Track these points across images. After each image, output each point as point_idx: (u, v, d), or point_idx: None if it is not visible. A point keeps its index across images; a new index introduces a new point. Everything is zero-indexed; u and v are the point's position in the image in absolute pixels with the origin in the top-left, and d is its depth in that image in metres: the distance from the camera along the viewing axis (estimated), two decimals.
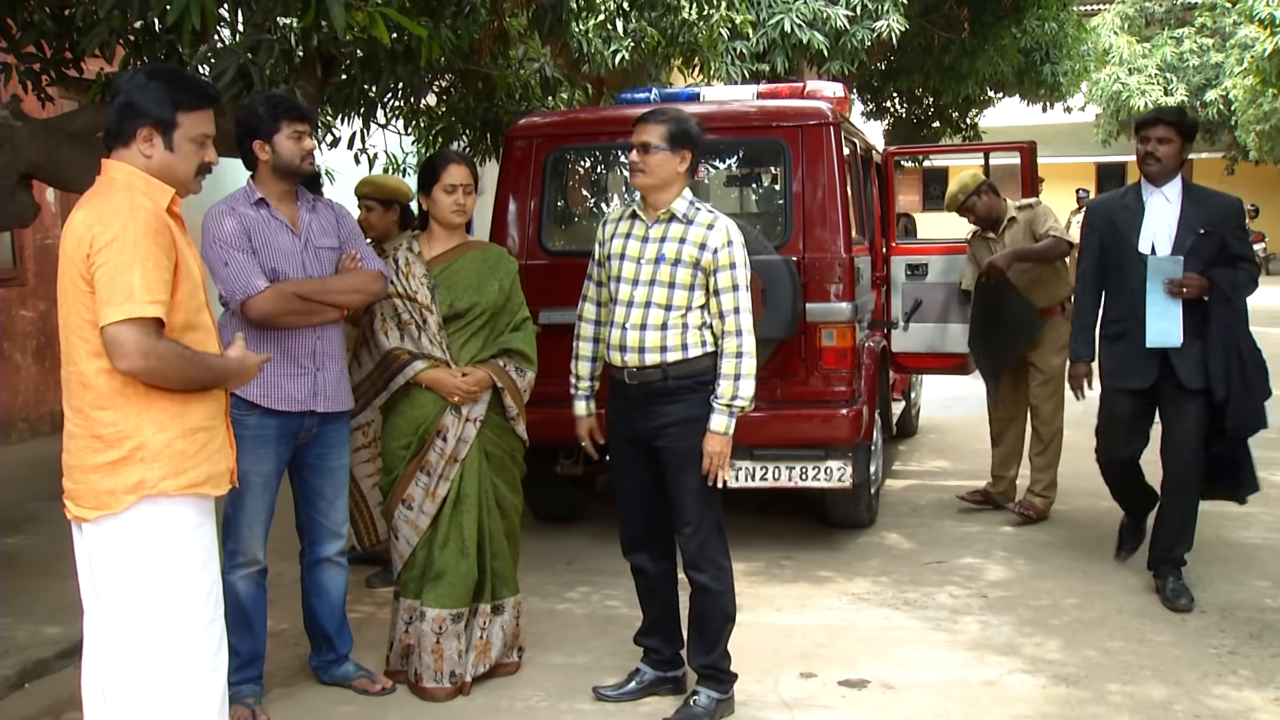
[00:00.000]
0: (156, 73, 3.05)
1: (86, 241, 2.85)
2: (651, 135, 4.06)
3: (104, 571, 2.95)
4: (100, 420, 2.90)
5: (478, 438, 4.34)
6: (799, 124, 5.86)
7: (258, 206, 4.09)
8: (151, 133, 2.97)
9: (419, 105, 8.72)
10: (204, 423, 3.03)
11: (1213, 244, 5.07)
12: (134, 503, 2.90)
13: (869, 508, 6.44)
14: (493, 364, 4.39)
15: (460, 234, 4.47)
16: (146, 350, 2.83)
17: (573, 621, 5.18)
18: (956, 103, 17.73)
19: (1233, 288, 5.05)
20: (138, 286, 2.81)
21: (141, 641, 2.94)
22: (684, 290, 4.05)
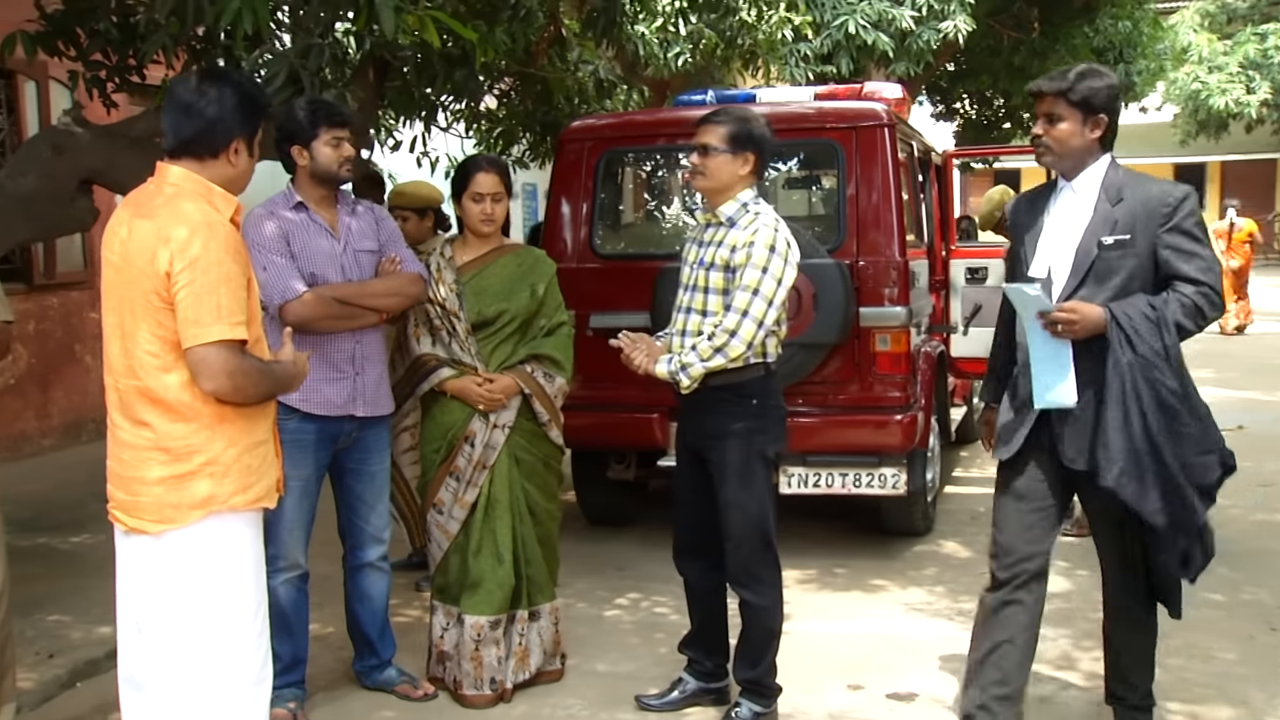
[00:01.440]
0: (234, 78, 3.02)
1: (164, 257, 2.79)
2: (712, 137, 3.95)
3: (163, 585, 2.91)
4: (171, 434, 2.86)
5: (507, 444, 4.29)
6: (853, 126, 5.76)
7: (297, 210, 4.08)
8: (241, 144, 2.97)
9: (478, 108, 8.74)
10: (264, 436, 3.02)
11: (1133, 258, 3.44)
12: (202, 517, 2.88)
13: (925, 515, 6.31)
14: (520, 370, 4.33)
15: (495, 238, 4.42)
16: (233, 370, 2.81)
17: (619, 628, 5.12)
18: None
19: (1138, 326, 3.36)
20: (225, 308, 2.80)
21: (193, 654, 2.91)
22: (718, 295, 3.95)
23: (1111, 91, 3.55)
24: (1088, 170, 3.57)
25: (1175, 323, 3.40)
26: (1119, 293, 3.46)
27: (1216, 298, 3.42)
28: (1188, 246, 3.45)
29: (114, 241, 2.92)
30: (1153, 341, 3.37)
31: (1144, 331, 3.38)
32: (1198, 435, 3.41)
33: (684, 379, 3.87)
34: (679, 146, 6.32)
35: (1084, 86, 3.52)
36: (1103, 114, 3.53)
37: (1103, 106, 3.53)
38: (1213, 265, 3.45)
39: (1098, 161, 3.57)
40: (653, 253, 6.50)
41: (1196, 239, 3.46)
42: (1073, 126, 3.53)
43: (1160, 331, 3.38)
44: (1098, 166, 3.57)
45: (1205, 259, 3.45)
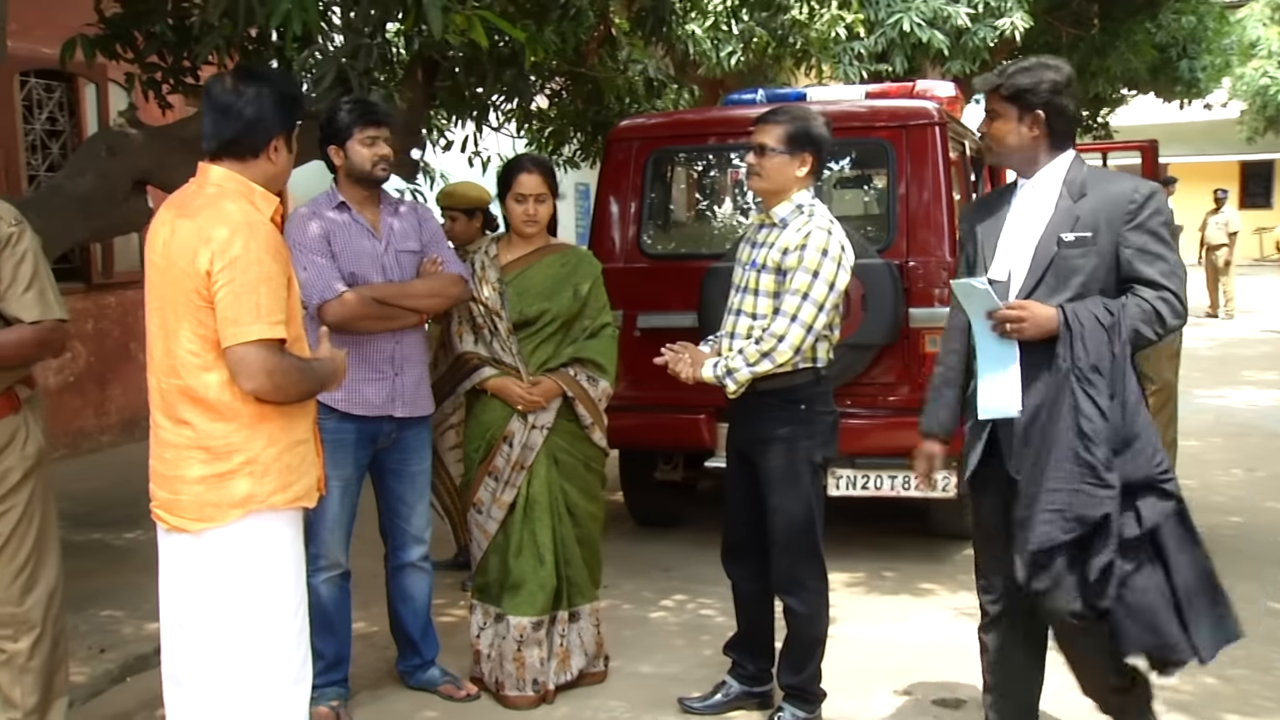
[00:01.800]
0: (268, 76, 3.05)
1: (205, 257, 2.81)
2: (769, 137, 3.90)
3: (203, 583, 2.94)
4: (212, 432, 2.88)
5: (546, 444, 4.28)
6: (904, 125, 5.70)
7: (339, 210, 4.09)
8: (280, 141, 2.98)
9: (529, 108, 8.75)
10: (304, 435, 3.03)
11: (1095, 256, 3.21)
12: (241, 516, 2.89)
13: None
14: (562, 373, 4.31)
15: (540, 237, 4.41)
16: (272, 369, 2.82)
17: (665, 630, 5.10)
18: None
19: (1087, 332, 3.12)
20: (264, 307, 2.81)
21: (232, 652, 2.93)
22: (767, 298, 3.91)
23: (1054, 86, 3.27)
24: (1047, 167, 3.34)
25: (1133, 329, 3.15)
26: (1078, 294, 3.22)
27: (1179, 304, 3.18)
28: (1152, 247, 3.20)
29: (156, 242, 2.94)
30: (1098, 351, 3.12)
31: (1090, 339, 3.14)
32: (1098, 463, 3.07)
33: (730, 384, 3.84)
34: (728, 146, 6.30)
35: (1014, 82, 3.30)
36: (1041, 110, 3.27)
37: (1042, 103, 3.27)
38: (1177, 269, 3.21)
39: (1058, 158, 3.33)
40: (701, 253, 6.49)
41: (1162, 240, 3.21)
42: (1007, 123, 3.32)
43: (1111, 339, 3.13)
44: (1058, 163, 3.33)
45: (1170, 262, 3.21)
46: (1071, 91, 3.31)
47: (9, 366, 3.37)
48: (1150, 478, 3.11)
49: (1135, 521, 3.09)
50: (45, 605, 3.49)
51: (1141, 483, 3.10)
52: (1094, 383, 3.11)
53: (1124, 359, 3.13)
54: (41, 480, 3.49)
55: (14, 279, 3.35)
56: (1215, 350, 14.30)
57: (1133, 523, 3.09)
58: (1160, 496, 3.11)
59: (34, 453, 3.45)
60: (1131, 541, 3.09)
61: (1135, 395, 3.14)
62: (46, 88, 8.62)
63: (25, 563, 3.44)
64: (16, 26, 8.03)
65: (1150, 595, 3.10)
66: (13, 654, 3.45)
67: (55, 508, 3.61)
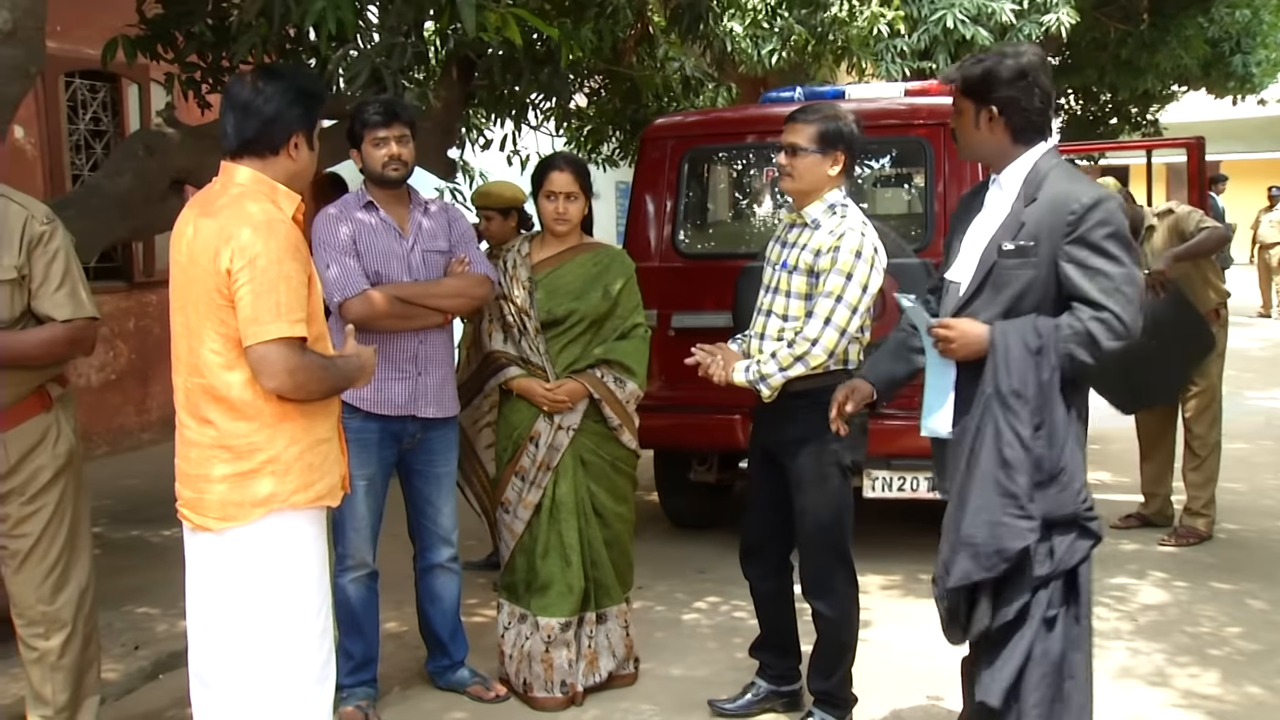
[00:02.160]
0: (283, 73, 3.04)
1: (226, 255, 2.82)
2: (800, 136, 3.86)
3: (225, 582, 2.95)
4: (233, 431, 2.88)
5: (573, 445, 4.26)
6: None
7: (367, 210, 4.10)
8: (300, 137, 2.98)
9: (568, 107, 8.74)
10: (327, 434, 3.02)
11: (1031, 269, 2.99)
12: (263, 515, 2.89)
13: None
14: (589, 374, 4.28)
15: (573, 236, 4.39)
16: (294, 368, 2.82)
17: (697, 632, 5.07)
18: (1135, 98, 16.98)
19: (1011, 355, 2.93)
20: (284, 305, 2.81)
21: (255, 651, 2.94)
22: (799, 300, 3.88)
23: (1010, 76, 3.02)
24: (1013, 164, 3.10)
25: (1065, 354, 2.92)
26: (1010, 308, 3.02)
27: (1119, 324, 2.89)
28: (1092, 262, 2.92)
29: (180, 241, 2.95)
30: (1022, 376, 2.92)
31: (1015, 362, 2.93)
32: (1020, 493, 2.91)
33: (764, 389, 3.82)
34: (763, 144, 6.26)
35: (966, 74, 3.10)
36: (994, 104, 3.05)
37: (997, 95, 3.04)
38: (1123, 285, 2.90)
39: (1024, 154, 3.09)
40: (736, 252, 6.45)
41: (1105, 254, 2.92)
42: (965, 118, 3.13)
43: (1039, 364, 2.92)
44: (1024, 160, 3.09)
45: (1113, 278, 2.91)
46: (1032, 81, 3.04)
47: (41, 365, 3.41)
48: (1076, 514, 2.95)
49: (1048, 557, 2.95)
50: (76, 604, 3.53)
51: (1065, 519, 2.95)
52: (1015, 410, 2.93)
53: (1053, 385, 2.94)
54: (73, 479, 3.52)
55: (46, 277, 3.38)
56: (1267, 351, 14.08)
57: (1045, 558, 2.95)
58: (1081, 534, 2.98)
59: (65, 451, 3.48)
60: (1040, 580, 2.96)
61: (1066, 425, 2.95)
62: (91, 88, 8.72)
63: (56, 561, 3.47)
64: (61, 28, 8.17)
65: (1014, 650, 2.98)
66: (44, 652, 3.49)
67: (88, 507, 3.64)
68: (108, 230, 5.60)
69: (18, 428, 3.38)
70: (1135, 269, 2.96)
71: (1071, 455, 2.96)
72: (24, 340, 3.34)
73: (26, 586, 3.46)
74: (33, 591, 3.46)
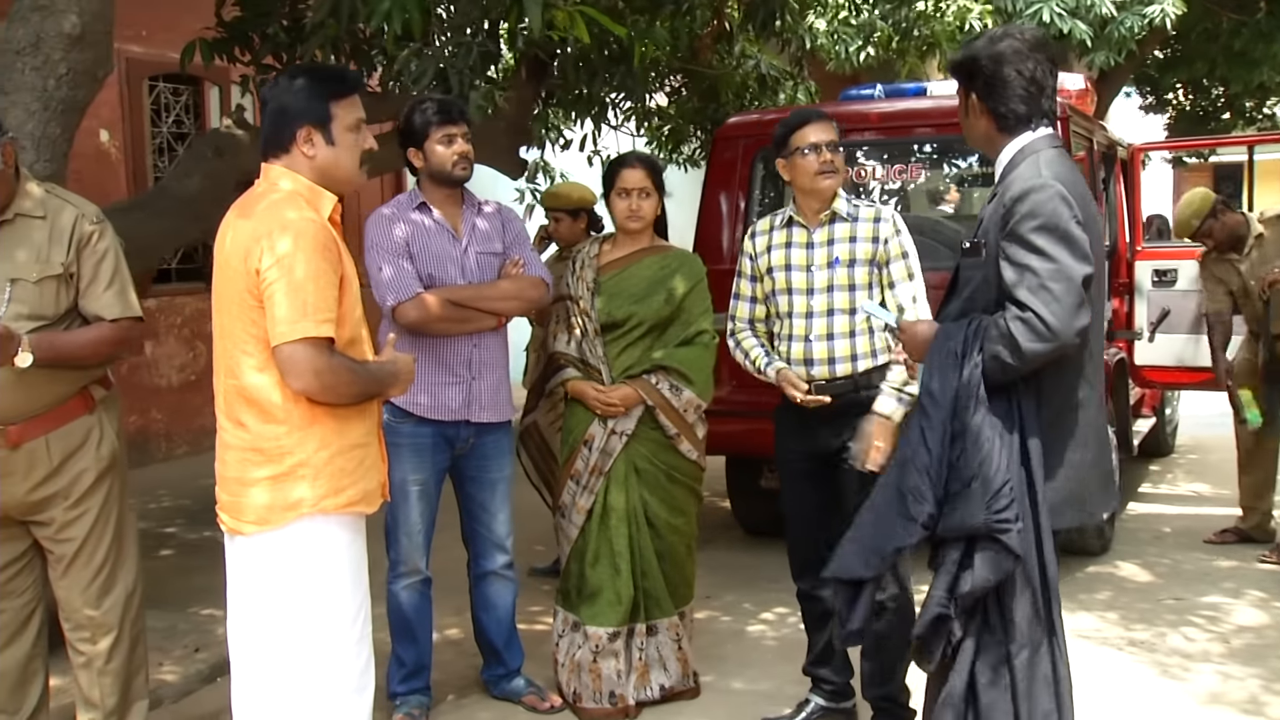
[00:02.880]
0: (298, 71, 3.04)
1: (255, 255, 2.82)
2: (836, 133, 3.90)
3: (257, 587, 2.94)
4: (264, 434, 2.87)
5: (626, 451, 4.20)
6: None
7: (420, 211, 4.08)
8: (311, 132, 2.93)
9: (647, 106, 8.70)
10: (362, 439, 2.99)
11: (980, 268, 2.93)
12: (293, 520, 2.87)
13: (1100, 534, 5.96)
14: (643, 380, 4.21)
15: (645, 238, 4.32)
16: (320, 368, 2.80)
17: (761, 644, 4.99)
18: (1249, 91, 16.37)
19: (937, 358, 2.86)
20: (311, 305, 2.78)
21: (291, 658, 2.92)
22: (864, 291, 3.87)
23: (992, 60, 2.91)
24: (1000, 153, 2.98)
25: (991, 355, 2.76)
26: (964, 309, 2.92)
27: (1041, 325, 2.70)
28: (1019, 257, 2.77)
29: (222, 243, 2.96)
30: (942, 376, 2.81)
31: (935, 364, 2.84)
32: (909, 493, 2.81)
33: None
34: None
35: (953, 60, 3.06)
36: (974, 91, 2.96)
37: (978, 80, 2.94)
38: (1048, 282, 2.72)
39: (1010, 143, 2.96)
40: None
41: (1032, 248, 2.76)
42: (959, 106, 3.06)
43: (960, 364, 2.79)
44: (1008, 149, 2.96)
45: (1039, 274, 2.73)
46: (1013, 67, 2.90)
47: (89, 365, 3.44)
48: (987, 526, 2.74)
49: (969, 579, 2.79)
50: (123, 608, 3.55)
51: (974, 531, 2.76)
52: (927, 411, 2.82)
53: (971, 389, 2.78)
54: (117, 482, 3.55)
55: (95, 276, 3.41)
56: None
57: (968, 579, 2.80)
58: (999, 550, 2.78)
59: (108, 454, 3.51)
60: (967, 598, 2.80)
61: (990, 432, 2.77)
62: (174, 91, 8.90)
63: (102, 565, 3.50)
64: (145, 32, 8.36)
65: None
66: (91, 656, 3.52)
67: (132, 510, 3.67)
68: (178, 232, 5.68)
69: (61, 429, 3.40)
70: (1071, 264, 2.74)
71: (990, 464, 2.75)
72: (72, 340, 3.37)
73: (73, 590, 3.49)
74: (79, 595, 3.49)
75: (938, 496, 2.79)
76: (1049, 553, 2.85)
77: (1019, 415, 2.82)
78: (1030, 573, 2.83)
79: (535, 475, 4.76)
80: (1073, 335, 2.74)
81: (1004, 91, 2.93)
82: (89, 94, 4.49)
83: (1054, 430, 2.87)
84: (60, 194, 3.52)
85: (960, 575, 2.81)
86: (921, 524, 2.80)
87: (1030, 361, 2.75)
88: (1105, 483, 3.01)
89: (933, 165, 6.88)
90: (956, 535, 2.81)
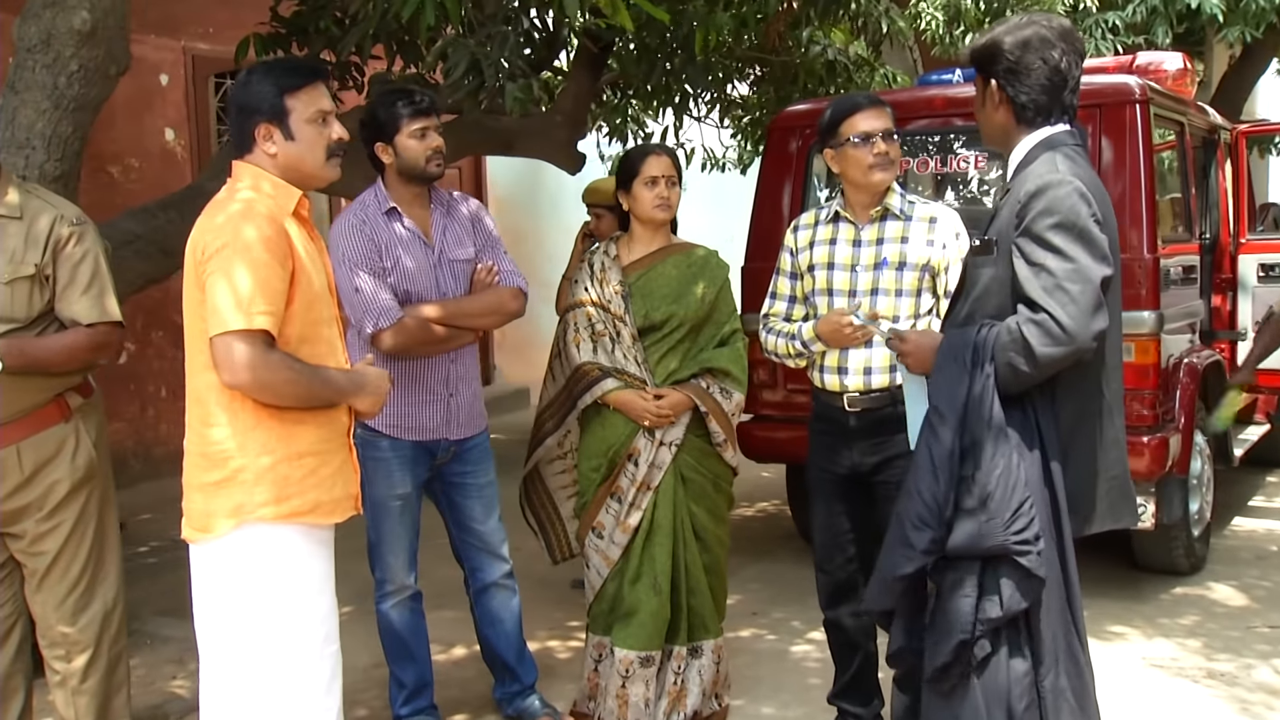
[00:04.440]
0: (253, 68, 2.98)
1: (199, 248, 2.80)
2: (891, 120, 3.68)
3: (211, 595, 2.88)
4: (208, 437, 2.82)
5: (674, 462, 4.04)
6: (1094, 104, 5.17)
7: (389, 217, 3.88)
8: (268, 129, 2.88)
9: (724, 96, 8.53)
10: (314, 447, 2.88)
11: (992, 267, 2.82)
12: (232, 528, 2.80)
13: (1189, 552, 5.61)
14: (694, 385, 4.06)
15: (664, 235, 4.18)
16: (253, 363, 2.71)
17: (801, 668, 4.79)
18: None
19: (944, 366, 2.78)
20: (247, 297, 2.72)
21: (247, 666, 2.85)
22: (912, 297, 3.64)
23: (1010, 47, 2.81)
24: (1015, 149, 2.89)
25: (1004, 363, 2.67)
26: (972, 311, 2.84)
27: (1057, 328, 2.61)
28: (1037, 257, 2.67)
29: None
30: (950, 387, 2.72)
31: (943, 377, 2.76)
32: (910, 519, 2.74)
33: None
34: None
35: (973, 48, 2.95)
36: (995, 80, 2.85)
37: (998, 69, 2.83)
38: (1064, 283, 2.62)
39: (1026, 137, 2.86)
40: None
41: (1048, 246, 2.66)
42: (979, 97, 2.94)
43: (972, 375, 2.70)
44: (1023, 144, 2.87)
45: (1054, 274, 2.64)
46: (1037, 56, 2.79)
47: (63, 372, 3.41)
48: (1005, 547, 2.65)
49: (997, 602, 2.69)
50: (100, 625, 3.50)
51: (993, 552, 2.67)
52: (935, 429, 2.72)
53: (984, 401, 2.67)
54: (96, 494, 3.50)
55: (72, 280, 3.39)
56: None
57: (995, 603, 2.69)
58: (1022, 575, 2.66)
59: (84, 465, 3.46)
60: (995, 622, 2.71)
61: (1005, 447, 2.67)
62: None
63: (78, 580, 3.45)
64: (211, 29, 8.47)
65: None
66: (65, 675, 3.48)
67: (115, 524, 3.61)
68: None
69: (33, 438, 3.37)
70: (1089, 264, 2.64)
71: (1007, 480, 2.66)
72: (45, 346, 3.35)
73: (47, 606, 3.45)
74: (53, 611, 3.45)
75: (944, 519, 2.70)
76: (1072, 568, 2.77)
77: (1036, 426, 2.73)
78: (1056, 589, 2.74)
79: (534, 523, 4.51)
80: (1089, 339, 2.64)
81: (1026, 79, 2.82)
82: (102, 92, 4.51)
83: (1072, 439, 2.77)
84: (43, 195, 3.51)
85: (984, 600, 2.71)
86: (922, 550, 2.73)
87: (1045, 367, 2.67)
88: (1125, 491, 2.89)
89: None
90: (970, 555, 2.70)
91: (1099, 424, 2.80)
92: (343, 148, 3.02)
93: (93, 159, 7.95)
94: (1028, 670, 2.73)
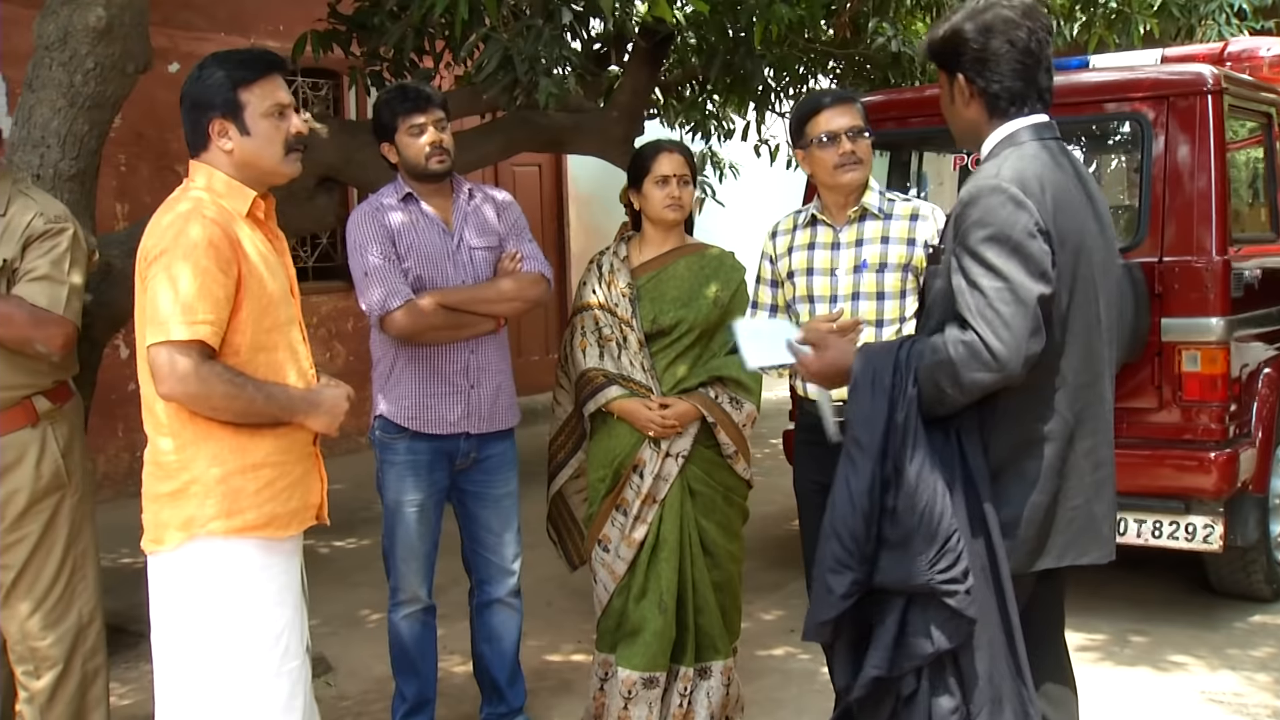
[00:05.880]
0: (204, 60, 2.92)
1: (144, 251, 2.77)
2: (858, 117, 3.55)
3: (156, 610, 2.85)
4: (159, 448, 2.79)
5: (681, 474, 3.93)
6: (1164, 95, 4.93)
7: (406, 202, 3.87)
8: (223, 124, 2.81)
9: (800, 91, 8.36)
10: (271, 458, 2.82)
11: (942, 279, 2.62)
12: (183, 540, 2.76)
13: (1270, 577, 5.30)
14: (701, 395, 3.93)
15: (677, 236, 4.06)
16: (185, 374, 2.66)
17: (829, 689, 4.58)
18: None
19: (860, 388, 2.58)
20: (184, 305, 2.67)
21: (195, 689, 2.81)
22: (894, 300, 3.52)
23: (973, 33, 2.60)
24: (984, 146, 2.67)
25: (931, 384, 2.46)
26: (920, 325, 2.69)
27: (985, 353, 2.40)
28: (971, 272, 2.46)
29: None
30: (870, 412, 2.52)
31: (860, 403, 2.55)
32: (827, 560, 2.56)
33: None
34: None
35: (929, 39, 2.74)
36: (960, 72, 2.64)
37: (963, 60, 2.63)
38: (995, 303, 2.41)
39: (994, 131, 2.66)
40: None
41: (981, 261, 2.45)
42: (944, 94, 2.74)
43: (893, 398, 2.50)
44: (992, 138, 2.66)
45: (986, 293, 2.42)
46: (1010, 33, 2.58)
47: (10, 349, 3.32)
48: (930, 586, 2.44)
49: (926, 641, 2.49)
50: (72, 642, 3.45)
51: (918, 590, 2.48)
52: (852, 458, 2.53)
53: (909, 429, 2.46)
54: (65, 506, 3.44)
55: (31, 268, 3.35)
56: None
57: (923, 642, 2.50)
58: (948, 615, 2.46)
59: (50, 474, 3.40)
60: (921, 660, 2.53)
61: (931, 477, 2.47)
62: (313, 85, 9.11)
63: (45, 595, 3.41)
64: (283, 26, 8.57)
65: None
66: (34, 692, 3.43)
67: (92, 537, 3.55)
68: None
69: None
70: (1023, 282, 2.42)
71: (931, 514, 2.45)
72: None
73: (13, 621, 3.40)
74: (19, 627, 3.40)
75: (865, 557, 2.53)
76: (1011, 604, 2.54)
77: (961, 453, 2.52)
78: (992, 627, 2.53)
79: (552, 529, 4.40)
80: (1019, 366, 2.44)
81: (996, 66, 2.62)
82: (120, 90, 4.54)
83: (1010, 465, 2.55)
84: (33, 194, 3.51)
85: (910, 637, 2.53)
86: (841, 595, 2.56)
87: (972, 393, 2.48)
88: (1090, 524, 2.63)
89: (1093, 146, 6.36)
90: (897, 589, 2.53)
91: (1055, 449, 2.56)
92: (303, 142, 2.96)
93: (160, 158, 8.13)
94: (955, 707, 2.54)
